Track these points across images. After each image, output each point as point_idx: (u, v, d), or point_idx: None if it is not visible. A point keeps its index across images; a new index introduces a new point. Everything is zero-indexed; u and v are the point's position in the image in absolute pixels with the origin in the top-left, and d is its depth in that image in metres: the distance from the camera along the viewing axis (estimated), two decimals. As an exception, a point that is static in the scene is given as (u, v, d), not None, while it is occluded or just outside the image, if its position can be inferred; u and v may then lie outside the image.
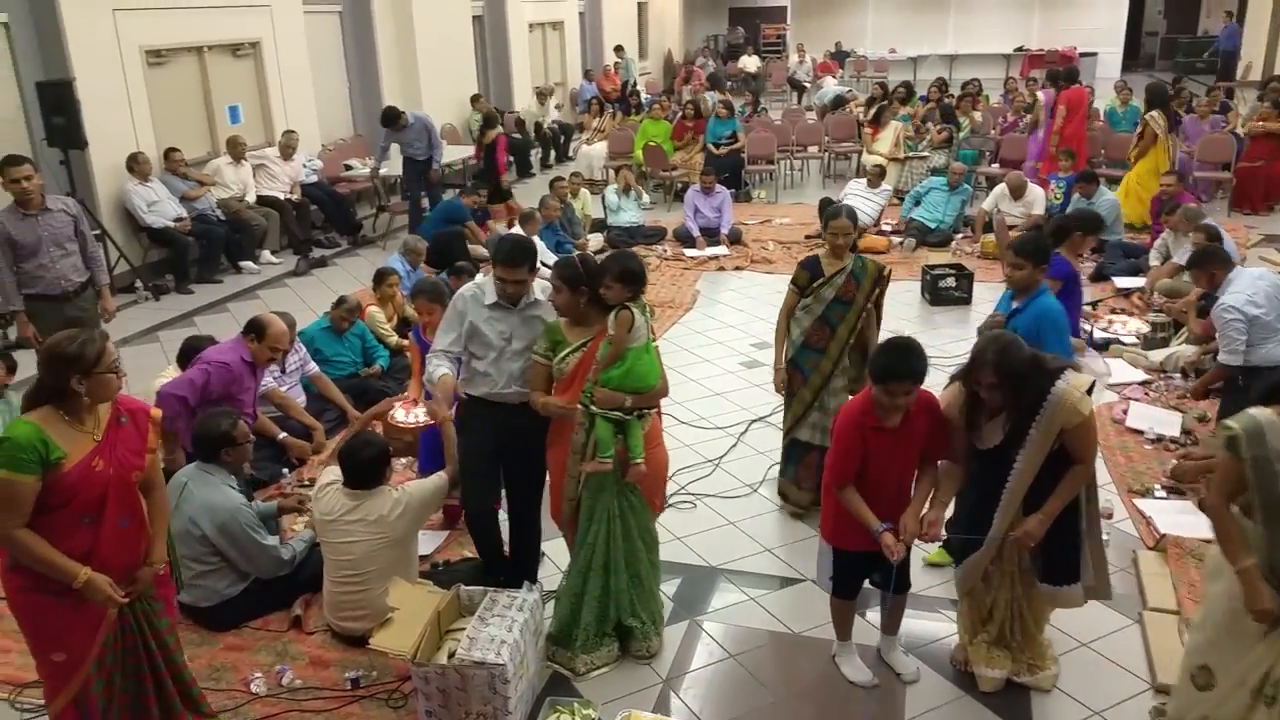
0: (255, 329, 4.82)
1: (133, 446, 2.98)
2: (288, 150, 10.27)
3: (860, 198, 10.43)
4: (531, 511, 4.17)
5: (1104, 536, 3.77)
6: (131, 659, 3.07)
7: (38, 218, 5.43)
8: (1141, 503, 4.95)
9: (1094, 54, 23.39)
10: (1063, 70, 11.82)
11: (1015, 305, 4.23)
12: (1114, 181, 11.34)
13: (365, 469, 3.94)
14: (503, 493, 4.14)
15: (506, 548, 4.22)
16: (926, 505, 3.49)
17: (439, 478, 4.09)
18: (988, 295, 8.13)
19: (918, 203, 10.38)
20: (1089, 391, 3.30)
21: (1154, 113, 10.37)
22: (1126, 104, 13.29)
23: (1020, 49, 24.27)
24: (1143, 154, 10.43)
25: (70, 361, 2.81)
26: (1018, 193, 9.64)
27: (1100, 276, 8.63)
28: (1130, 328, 7.33)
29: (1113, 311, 7.82)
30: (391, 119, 10.19)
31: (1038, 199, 9.69)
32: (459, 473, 4.04)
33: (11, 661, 3.94)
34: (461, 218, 9.20)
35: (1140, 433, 5.71)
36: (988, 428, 3.38)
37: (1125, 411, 5.92)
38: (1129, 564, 4.45)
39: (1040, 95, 11.38)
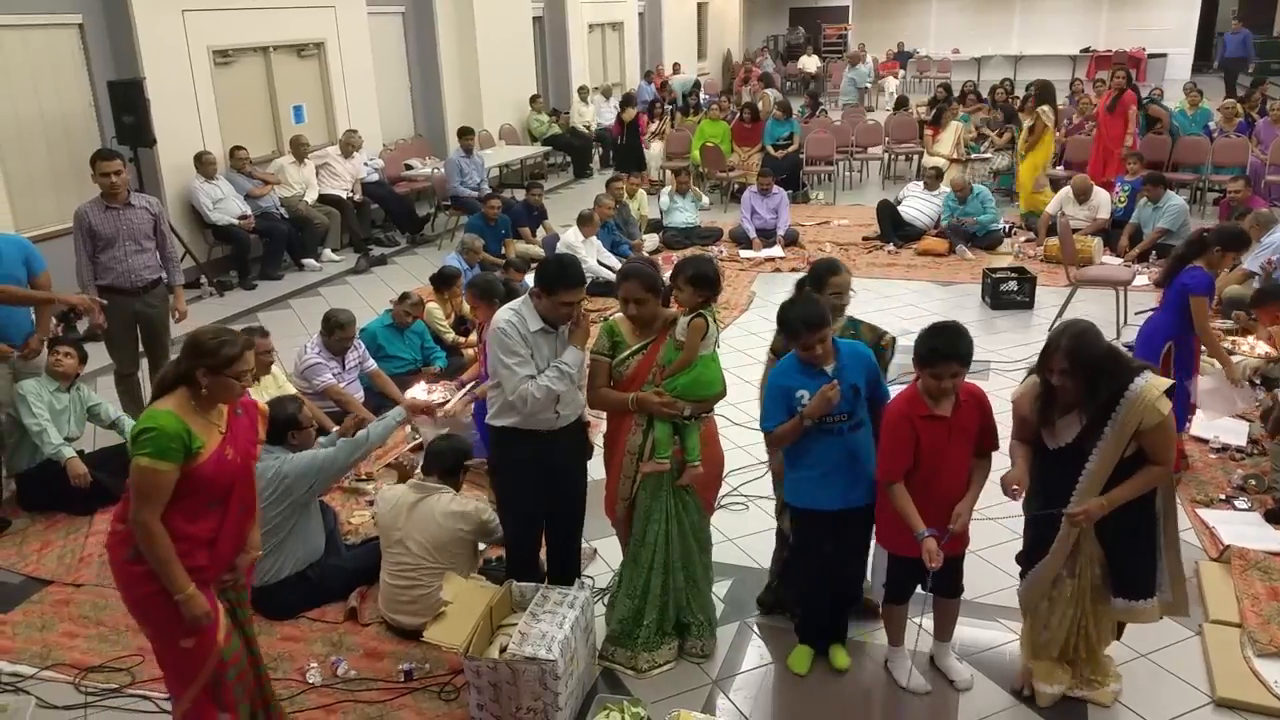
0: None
1: (249, 438, 3.07)
2: (349, 149, 10.45)
3: (919, 199, 10.34)
4: (575, 538, 4.09)
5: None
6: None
7: (119, 212, 5.59)
8: (1205, 513, 4.83)
9: (1163, 55, 22.86)
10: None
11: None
12: (1183, 185, 11.08)
13: (445, 459, 4.11)
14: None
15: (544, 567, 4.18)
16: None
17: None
18: (1050, 299, 7.99)
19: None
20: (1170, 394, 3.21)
21: (1044, 107, 10.72)
22: (1196, 106, 12.96)
23: (1087, 50, 23.78)
24: (1032, 147, 10.74)
25: (203, 354, 2.86)
26: (1082, 196, 9.46)
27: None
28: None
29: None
30: (467, 134, 11.03)
31: (1103, 202, 9.50)
32: (502, 514, 3.95)
33: (78, 646, 4.06)
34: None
35: (1205, 441, 5.57)
36: (1061, 423, 3.27)
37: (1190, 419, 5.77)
38: (1190, 575, 4.34)
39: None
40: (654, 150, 13.95)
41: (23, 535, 4.95)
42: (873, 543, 3.70)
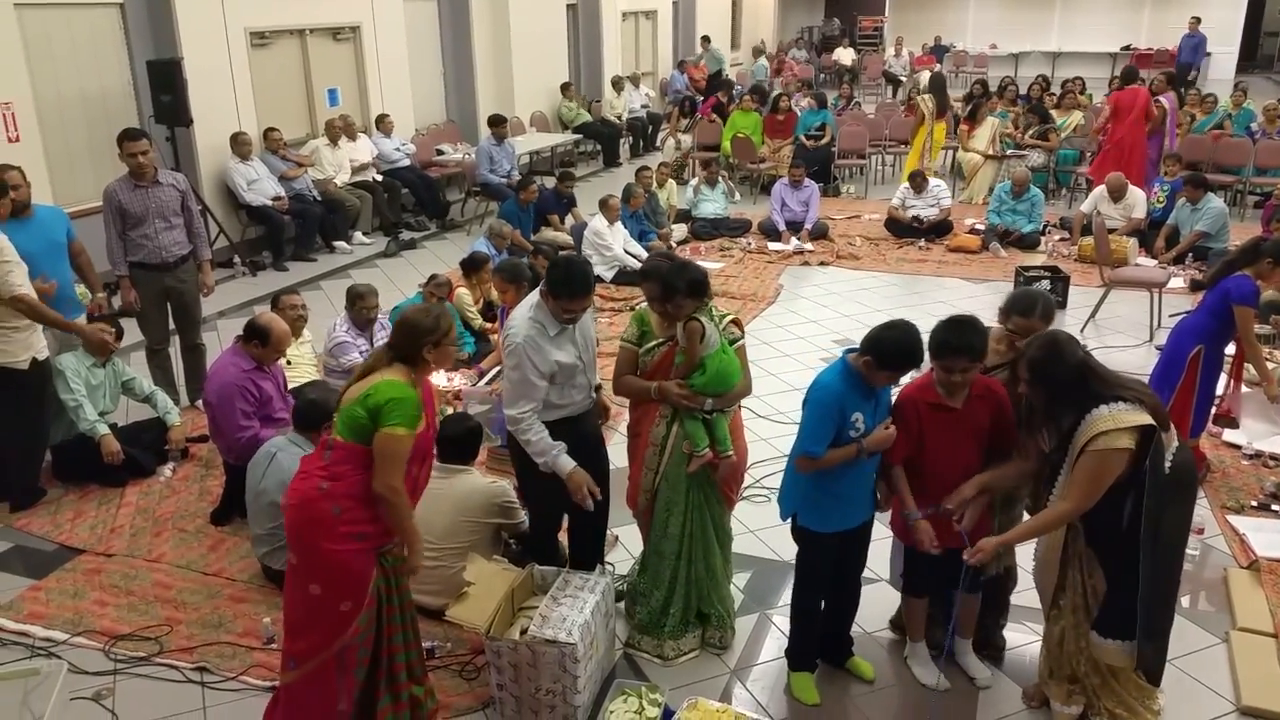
0: (258, 335, 4.74)
1: (432, 410, 3.23)
2: (335, 134, 10.08)
3: (916, 202, 10.24)
4: (600, 523, 4.09)
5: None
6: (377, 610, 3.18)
7: (148, 190, 5.66)
8: (1236, 519, 4.77)
9: (1207, 54, 22.47)
10: (1123, 70, 11.46)
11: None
12: (1223, 187, 10.91)
13: (459, 443, 4.12)
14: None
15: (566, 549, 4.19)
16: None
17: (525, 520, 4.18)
18: (1083, 300, 7.91)
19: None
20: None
21: (925, 95, 11.43)
22: (1239, 106, 12.77)
23: (1128, 47, 23.44)
24: (914, 132, 11.83)
25: (426, 332, 3.06)
26: (1117, 195, 9.33)
27: (1199, 287, 8.30)
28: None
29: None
30: (499, 122, 11.03)
31: (1138, 202, 9.37)
32: (531, 502, 3.97)
33: (108, 614, 4.13)
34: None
35: (1237, 447, 5.50)
36: (1042, 434, 3.24)
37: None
38: (1219, 581, 4.30)
39: (1164, 100, 10.94)
40: (684, 142, 13.83)
41: (57, 505, 5.04)
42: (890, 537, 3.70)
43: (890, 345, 3.20)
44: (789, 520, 3.61)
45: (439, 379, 6.27)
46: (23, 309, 4.71)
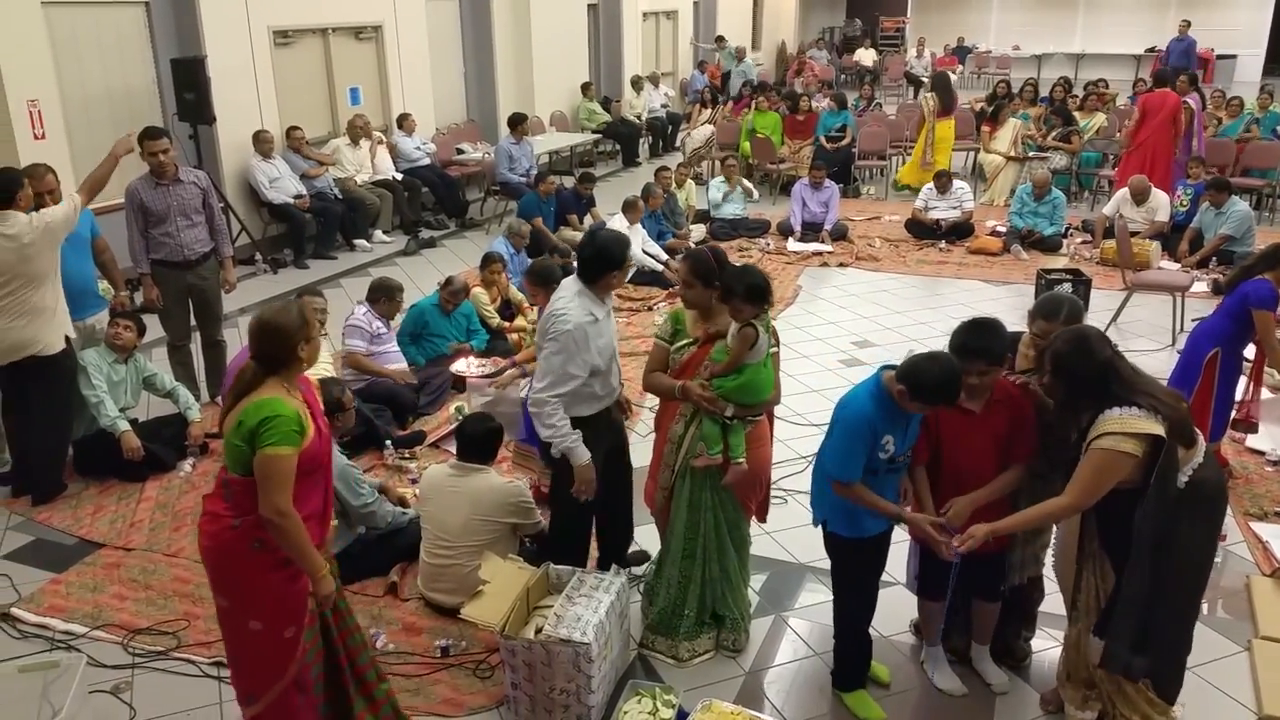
0: None
1: (318, 410, 3.08)
2: (358, 134, 10.11)
3: (939, 203, 10.19)
4: (627, 502, 4.16)
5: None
6: (322, 623, 3.12)
7: (169, 188, 5.70)
8: (1258, 526, 4.71)
9: (1233, 56, 22.25)
10: (1153, 73, 11.37)
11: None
12: (1248, 191, 10.79)
13: (479, 442, 4.12)
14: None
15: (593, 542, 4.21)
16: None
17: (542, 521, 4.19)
18: (1105, 303, 7.84)
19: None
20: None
21: (928, 94, 11.54)
22: (1265, 109, 12.63)
23: (1152, 49, 23.20)
24: (917, 130, 12.17)
25: (295, 330, 2.86)
26: (1140, 197, 9.26)
27: (1221, 290, 8.20)
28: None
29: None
30: (520, 121, 11.03)
31: (1161, 205, 9.29)
32: (562, 504, 3.92)
33: (127, 608, 4.16)
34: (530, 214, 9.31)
35: (1261, 453, 5.44)
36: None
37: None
38: (1241, 589, 4.26)
39: (1190, 102, 10.82)
40: (696, 136, 13.76)
41: (77, 499, 5.08)
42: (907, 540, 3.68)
43: (929, 379, 3.08)
44: (820, 528, 3.57)
45: (462, 365, 6.27)
46: (99, 176, 5.16)
